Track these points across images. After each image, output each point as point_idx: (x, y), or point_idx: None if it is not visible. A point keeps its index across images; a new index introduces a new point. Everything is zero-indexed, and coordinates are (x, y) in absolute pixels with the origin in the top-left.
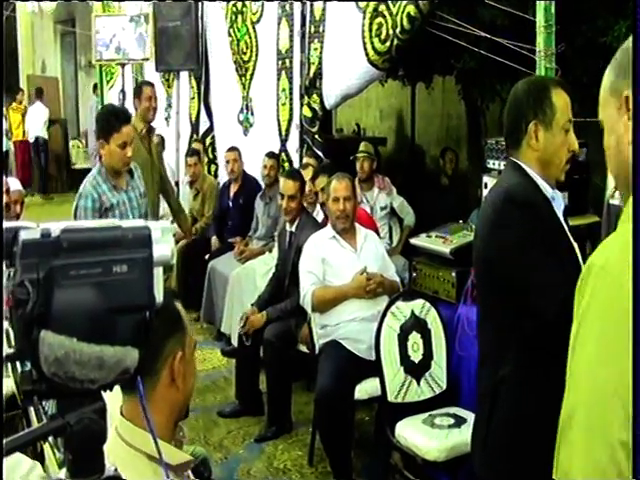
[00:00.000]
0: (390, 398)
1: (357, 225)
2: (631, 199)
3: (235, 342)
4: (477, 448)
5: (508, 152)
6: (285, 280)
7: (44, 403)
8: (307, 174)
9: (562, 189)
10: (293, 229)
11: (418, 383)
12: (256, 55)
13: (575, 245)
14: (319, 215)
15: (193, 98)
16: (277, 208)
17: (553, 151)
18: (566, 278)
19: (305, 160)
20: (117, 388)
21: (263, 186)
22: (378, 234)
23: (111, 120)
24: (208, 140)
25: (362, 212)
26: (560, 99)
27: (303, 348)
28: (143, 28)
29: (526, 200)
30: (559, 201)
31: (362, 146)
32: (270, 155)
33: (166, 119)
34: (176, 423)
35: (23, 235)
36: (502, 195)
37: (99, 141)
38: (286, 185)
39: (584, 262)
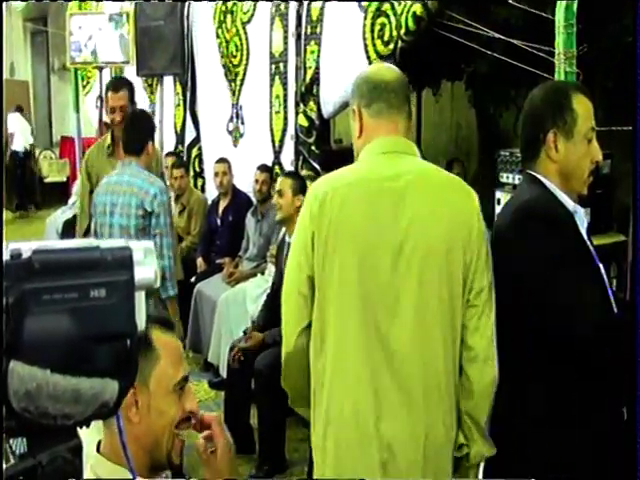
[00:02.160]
0: None
1: None
2: None
3: (224, 373)
4: None
5: (524, 165)
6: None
7: (12, 441)
8: None
9: (584, 205)
10: (292, 240)
11: None
12: (247, 59)
13: (601, 266)
14: None
15: (178, 105)
16: (270, 226)
17: (575, 162)
18: (599, 301)
19: (303, 173)
20: (93, 423)
21: (255, 202)
22: None
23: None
24: (194, 151)
25: None
26: (582, 106)
27: None
28: (124, 29)
29: (549, 214)
30: (582, 217)
31: None
32: (262, 168)
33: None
34: (151, 466)
35: None
36: (522, 210)
37: (149, 143)
38: (284, 182)
39: (610, 286)
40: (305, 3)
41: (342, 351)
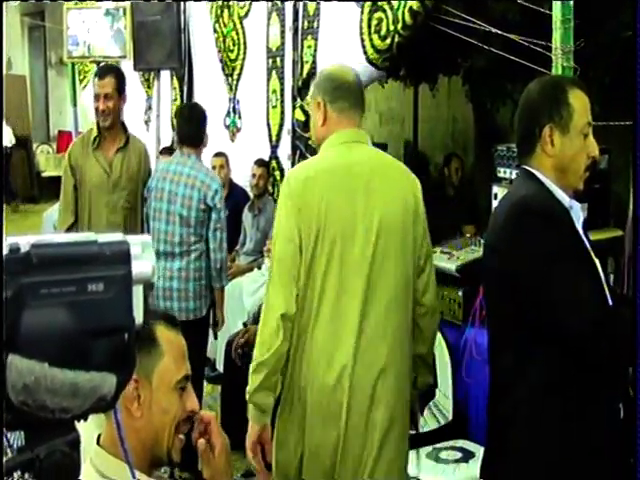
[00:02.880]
0: None
1: None
2: None
3: (221, 367)
4: None
5: (520, 160)
6: None
7: (9, 435)
8: None
9: (581, 200)
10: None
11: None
12: (244, 53)
13: (597, 261)
14: None
15: (175, 100)
16: (267, 220)
17: (570, 157)
18: (595, 297)
19: None
20: (92, 416)
21: (251, 196)
22: None
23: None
24: None
25: None
26: (578, 100)
27: None
28: (121, 23)
29: (545, 210)
30: (577, 212)
31: None
32: (259, 163)
33: (146, 123)
34: (150, 461)
35: None
36: (518, 205)
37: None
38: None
39: (606, 281)
40: None
41: (326, 309)
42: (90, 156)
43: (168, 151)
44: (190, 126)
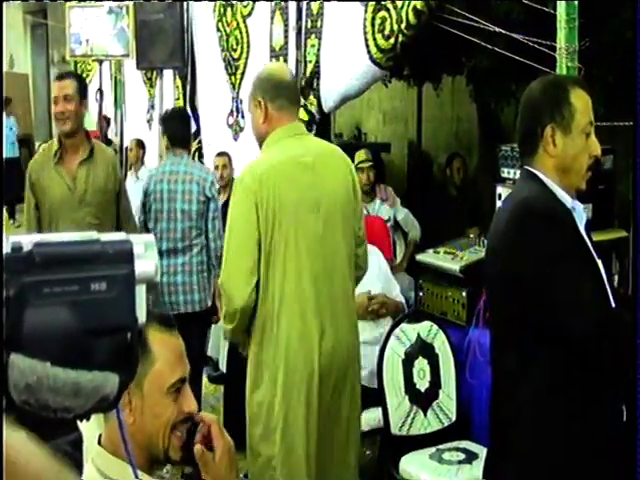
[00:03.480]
0: (394, 430)
1: None
2: None
3: (223, 367)
4: None
5: (522, 160)
6: None
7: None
8: None
9: (586, 201)
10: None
11: (425, 414)
12: (247, 52)
13: (599, 262)
14: None
15: (178, 99)
16: None
17: (573, 157)
18: (598, 298)
19: None
20: (95, 416)
21: None
22: (390, 247)
23: None
24: (194, 145)
25: (368, 217)
26: (579, 100)
27: None
28: (124, 21)
29: (547, 211)
30: (580, 213)
31: (362, 154)
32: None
33: (148, 122)
34: (150, 460)
35: None
36: (520, 206)
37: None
38: None
39: (609, 282)
40: None
41: (288, 291)
42: (51, 171)
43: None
44: (183, 129)
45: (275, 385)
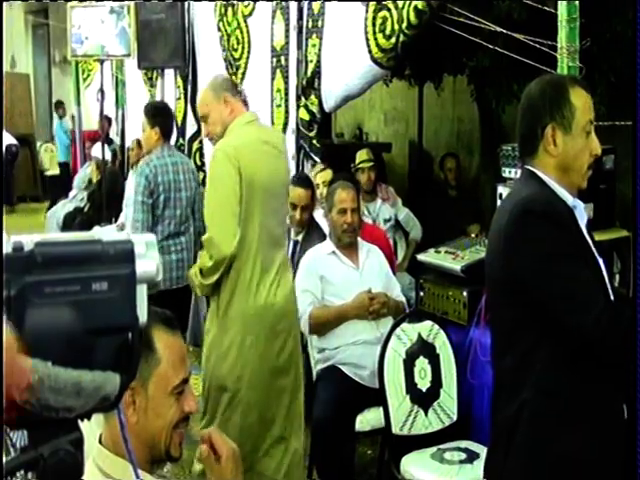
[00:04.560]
0: (395, 430)
1: (359, 240)
2: None
3: None
4: None
5: (522, 160)
6: None
7: (13, 434)
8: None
9: (587, 200)
10: (299, 238)
11: (426, 413)
12: (248, 52)
13: (601, 262)
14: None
15: (179, 99)
16: None
17: (573, 156)
18: (598, 297)
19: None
20: (95, 415)
21: None
22: (390, 250)
23: None
24: (195, 145)
25: (371, 227)
26: (579, 99)
27: None
28: (125, 21)
29: (547, 210)
30: (581, 212)
31: (364, 154)
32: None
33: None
34: (152, 459)
35: None
36: (520, 206)
37: None
38: (298, 194)
39: (610, 282)
40: None
41: (256, 247)
42: None
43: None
44: (171, 122)
45: (246, 325)
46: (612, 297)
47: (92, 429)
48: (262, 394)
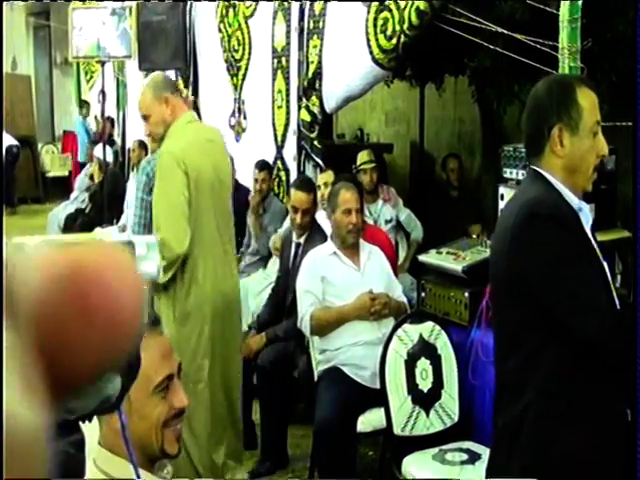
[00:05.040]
0: (396, 431)
1: (360, 240)
2: None
3: None
4: None
5: (529, 160)
6: (287, 295)
7: None
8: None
9: (588, 201)
10: (301, 240)
11: (427, 414)
12: (249, 53)
13: (605, 265)
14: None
15: None
16: (270, 220)
17: (580, 157)
18: (603, 300)
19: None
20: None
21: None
22: (393, 251)
23: None
24: None
25: (373, 228)
26: (587, 99)
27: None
28: (127, 23)
29: (553, 212)
30: (586, 214)
31: (365, 155)
32: (260, 166)
33: None
34: (148, 460)
35: None
36: (525, 208)
37: None
38: (300, 198)
39: (614, 282)
40: None
41: (205, 243)
42: None
43: None
44: None
45: (203, 317)
46: (616, 300)
47: (93, 430)
48: (223, 380)
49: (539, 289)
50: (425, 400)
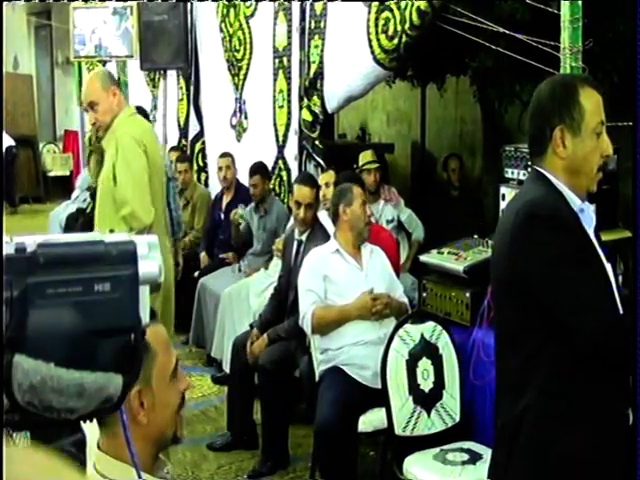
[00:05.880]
0: (397, 431)
1: None
2: None
3: (227, 368)
4: None
5: (531, 160)
6: (289, 294)
7: (15, 435)
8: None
9: (590, 201)
10: (303, 238)
11: (428, 414)
12: (250, 53)
13: (608, 266)
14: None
15: (181, 100)
16: (272, 221)
17: (582, 158)
18: (605, 301)
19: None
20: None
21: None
22: (396, 251)
23: None
24: (198, 146)
25: (377, 227)
26: (590, 100)
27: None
28: (128, 22)
29: (553, 213)
30: (589, 215)
31: (368, 155)
32: (254, 170)
33: (151, 122)
34: (156, 454)
35: None
36: (526, 209)
37: None
38: (303, 193)
39: (616, 282)
40: None
41: (158, 215)
42: None
43: (176, 149)
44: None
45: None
46: (619, 301)
47: (94, 432)
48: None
49: (539, 289)
50: (426, 400)
